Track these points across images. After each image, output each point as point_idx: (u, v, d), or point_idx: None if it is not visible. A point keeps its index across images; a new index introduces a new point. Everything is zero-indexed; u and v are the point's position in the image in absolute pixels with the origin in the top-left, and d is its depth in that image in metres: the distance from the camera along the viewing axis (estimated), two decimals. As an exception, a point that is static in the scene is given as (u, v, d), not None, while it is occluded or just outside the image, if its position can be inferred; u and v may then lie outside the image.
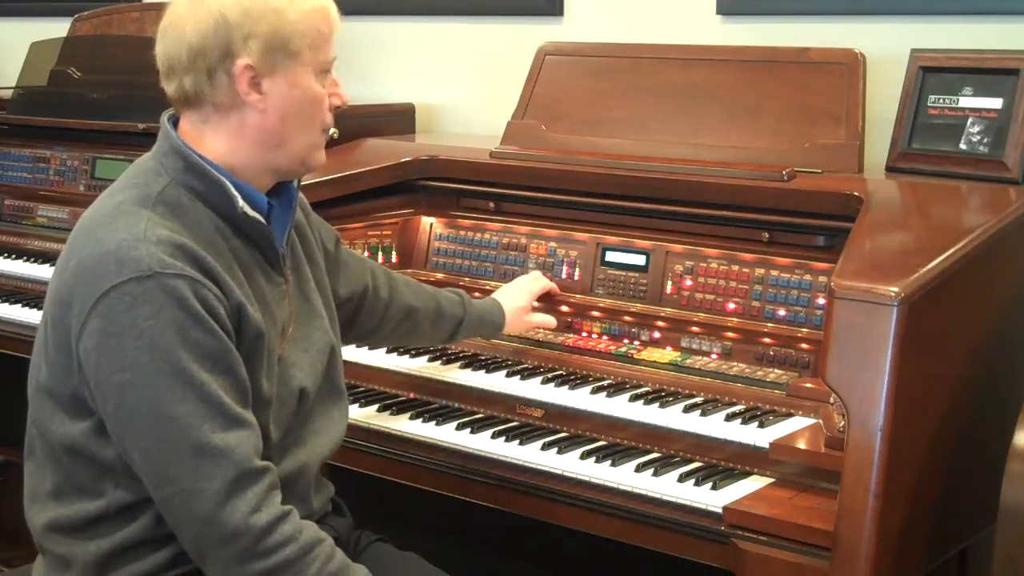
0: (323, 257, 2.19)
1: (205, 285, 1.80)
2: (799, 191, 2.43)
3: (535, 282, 2.67)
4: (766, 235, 2.50)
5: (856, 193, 2.33)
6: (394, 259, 2.91)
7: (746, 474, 2.19)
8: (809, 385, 2.30)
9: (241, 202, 1.90)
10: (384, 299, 2.40)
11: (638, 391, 2.39)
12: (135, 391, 1.77)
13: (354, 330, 2.41)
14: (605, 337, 2.61)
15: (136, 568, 1.88)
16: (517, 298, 2.61)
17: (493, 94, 3.34)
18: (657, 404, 2.33)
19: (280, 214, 2.01)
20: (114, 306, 1.76)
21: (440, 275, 2.87)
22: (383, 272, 2.44)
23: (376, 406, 2.55)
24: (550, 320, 2.64)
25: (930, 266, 1.98)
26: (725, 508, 2.06)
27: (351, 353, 2.68)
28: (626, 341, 2.58)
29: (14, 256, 3.57)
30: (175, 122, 1.97)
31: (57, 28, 3.88)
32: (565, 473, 2.24)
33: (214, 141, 1.92)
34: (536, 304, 2.66)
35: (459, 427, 2.42)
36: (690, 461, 2.24)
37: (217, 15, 1.86)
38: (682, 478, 2.16)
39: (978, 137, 2.49)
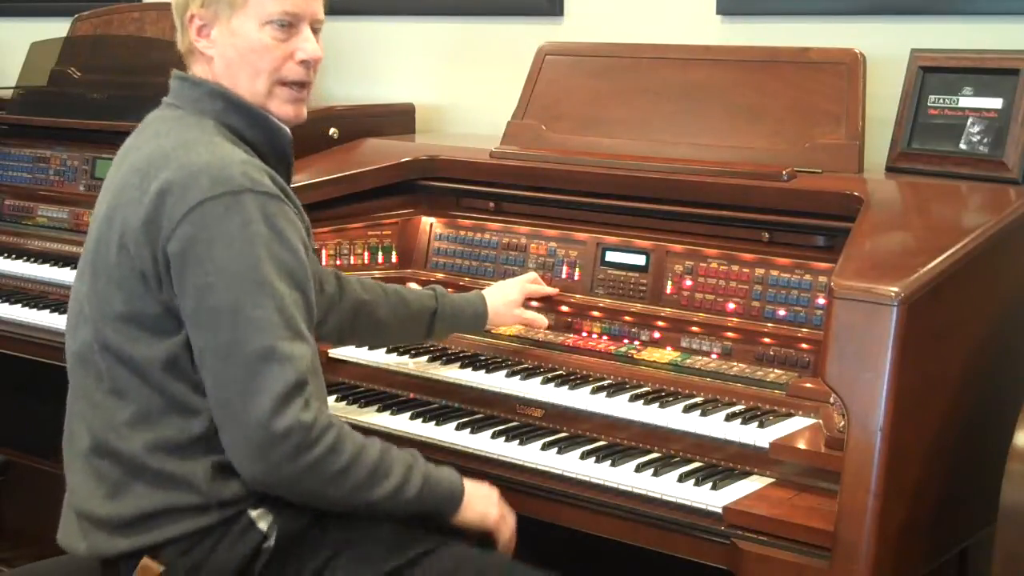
0: None
1: (288, 203, 1.99)
2: (799, 191, 2.43)
3: (530, 282, 2.68)
4: (766, 235, 2.50)
5: (856, 193, 2.33)
6: (394, 259, 2.91)
7: (746, 474, 2.19)
8: (809, 385, 2.30)
9: (289, 134, 2.13)
10: (329, 293, 2.42)
11: (638, 391, 2.39)
12: (216, 294, 1.89)
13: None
14: (605, 337, 2.61)
15: (237, 481, 1.98)
16: (507, 291, 2.63)
17: (493, 94, 3.34)
18: (657, 404, 2.33)
19: None
20: (208, 214, 1.90)
21: (440, 275, 2.87)
22: (331, 272, 2.48)
23: (376, 406, 2.55)
24: (541, 319, 2.64)
25: (930, 266, 1.98)
26: (725, 508, 2.06)
27: (351, 353, 2.68)
28: (626, 341, 2.58)
29: (14, 256, 3.57)
30: None
31: (57, 28, 3.88)
32: (565, 473, 2.24)
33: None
34: (535, 304, 2.66)
35: (459, 427, 2.42)
36: (690, 461, 2.25)
37: None
38: (682, 478, 2.16)
39: (978, 137, 2.49)
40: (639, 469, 2.20)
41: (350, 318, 2.46)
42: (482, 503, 2.13)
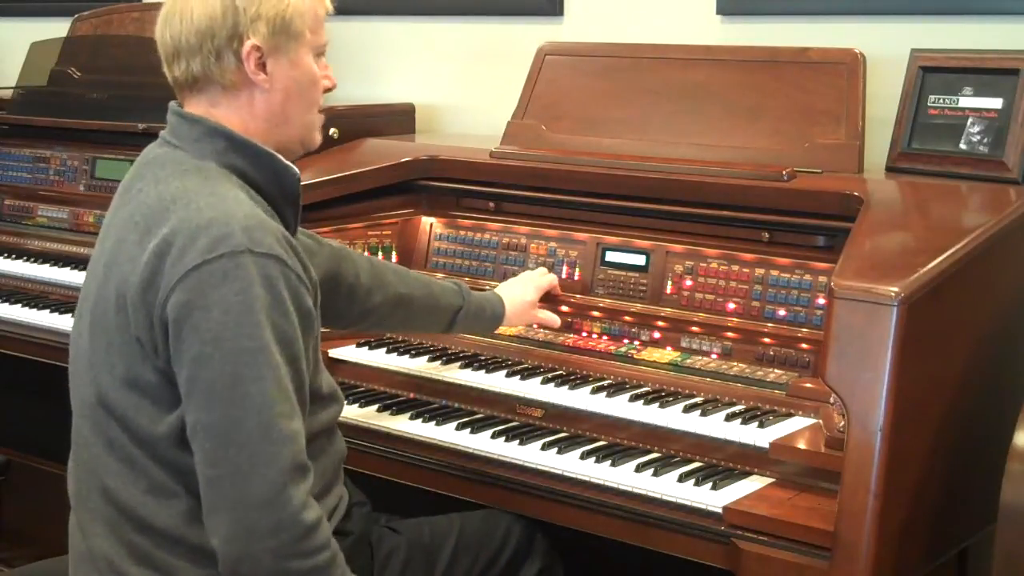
0: None
1: (291, 267, 1.85)
2: (799, 191, 2.43)
3: (542, 277, 2.67)
4: (766, 235, 2.50)
5: (856, 193, 2.33)
6: (394, 259, 2.91)
7: (746, 474, 2.19)
8: (809, 385, 2.30)
9: (297, 173, 1.99)
10: (364, 286, 2.40)
11: (638, 391, 2.39)
12: (213, 364, 1.77)
13: (334, 319, 2.40)
14: (605, 337, 2.61)
15: None
16: (523, 292, 2.61)
17: (493, 94, 3.34)
18: (657, 404, 2.33)
19: None
20: (205, 280, 1.77)
21: (440, 275, 2.86)
22: (366, 260, 2.45)
23: (376, 406, 2.55)
24: (554, 319, 2.64)
25: (930, 266, 1.98)
26: (725, 508, 2.06)
27: (351, 353, 2.68)
28: (626, 341, 2.58)
29: (14, 256, 3.57)
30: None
31: (57, 28, 3.88)
32: (565, 473, 2.24)
33: (228, 122, 1.96)
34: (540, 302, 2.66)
35: (459, 427, 2.42)
36: (690, 461, 2.25)
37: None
38: (682, 478, 2.16)
39: (978, 137, 2.49)
40: (639, 469, 2.20)
41: (387, 311, 2.43)
42: None
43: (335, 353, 2.68)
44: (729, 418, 2.25)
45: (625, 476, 2.19)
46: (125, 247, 1.88)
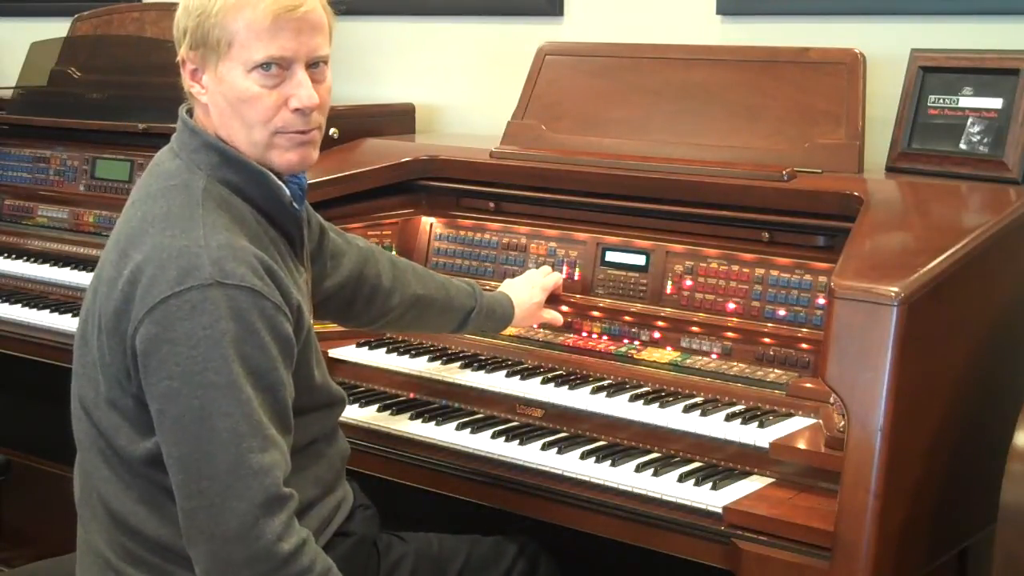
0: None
1: (266, 296, 1.81)
2: (799, 191, 2.43)
3: (547, 277, 2.67)
4: (766, 235, 2.50)
5: (856, 193, 2.33)
6: (394, 255, 2.90)
7: (746, 474, 2.19)
8: (809, 385, 2.30)
9: (288, 193, 1.95)
10: (385, 288, 2.39)
11: (638, 391, 2.39)
12: (180, 399, 1.75)
13: (352, 319, 2.41)
14: (605, 337, 2.61)
15: None
16: (530, 293, 2.61)
17: (493, 94, 3.34)
18: (657, 404, 2.33)
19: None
20: (173, 313, 1.75)
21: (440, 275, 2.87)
22: (388, 260, 2.44)
23: (376, 406, 2.55)
24: (558, 317, 2.64)
25: (930, 266, 1.98)
26: (725, 508, 2.06)
27: (351, 353, 2.68)
28: (626, 341, 2.58)
29: (14, 256, 3.57)
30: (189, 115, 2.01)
31: (57, 28, 3.88)
32: (565, 473, 2.24)
33: (214, 131, 1.96)
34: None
35: (459, 427, 2.42)
36: (690, 461, 2.25)
37: (179, 10, 1.97)
38: (682, 478, 2.16)
39: (978, 137, 2.49)
40: (639, 469, 2.20)
41: (403, 311, 2.43)
42: None
43: (335, 353, 2.68)
44: (729, 418, 2.25)
45: (625, 476, 2.19)
46: (107, 267, 1.88)
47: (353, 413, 2.50)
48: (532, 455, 2.30)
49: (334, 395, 2.06)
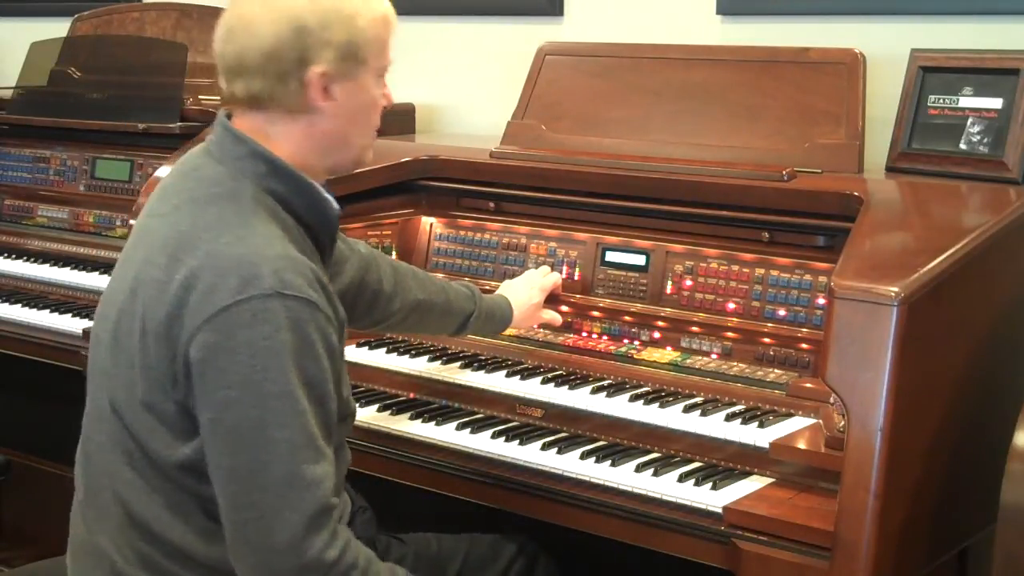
0: None
1: (320, 308, 1.81)
2: (799, 191, 2.43)
3: (546, 278, 2.67)
4: (766, 235, 2.50)
5: (856, 193, 2.33)
6: (394, 259, 2.90)
7: (746, 474, 2.19)
8: (809, 385, 2.30)
9: (336, 206, 1.97)
10: (387, 293, 2.39)
11: (638, 391, 2.39)
12: (238, 409, 1.74)
13: (353, 324, 2.40)
14: (605, 337, 2.61)
15: None
16: (529, 294, 2.61)
17: (493, 94, 3.34)
18: (657, 404, 2.33)
19: None
20: (233, 322, 1.74)
21: (440, 275, 2.86)
22: (389, 265, 2.44)
23: (376, 406, 2.55)
24: (556, 317, 2.64)
25: (930, 266, 1.98)
26: (725, 508, 2.06)
27: (351, 353, 2.68)
28: (626, 341, 2.58)
29: (14, 256, 3.57)
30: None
31: (57, 28, 3.88)
32: (565, 473, 2.24)
33: (282, 143, 1.92)
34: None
35: (459, 427, 2.42)
36: (690, 461, 2.25)
37: (294, 20, 1.85)
38: (682, 478, 2.16)
39: (978, 137, 2.49)
40: (639, 469, 2.20)
41: (403, 316, 2.43)
42: None
43: (335, 353, 2.67)
44: (729, 418, 2.25)
45: (625, 476, 2.19)
46: (152, 270, 1.84)
47: (353, 413, 2.50)
48: (532, 455, 2.30)
49: (351, 408, 2.06)
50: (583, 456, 2.26)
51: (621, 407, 2.34)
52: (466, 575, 2.27)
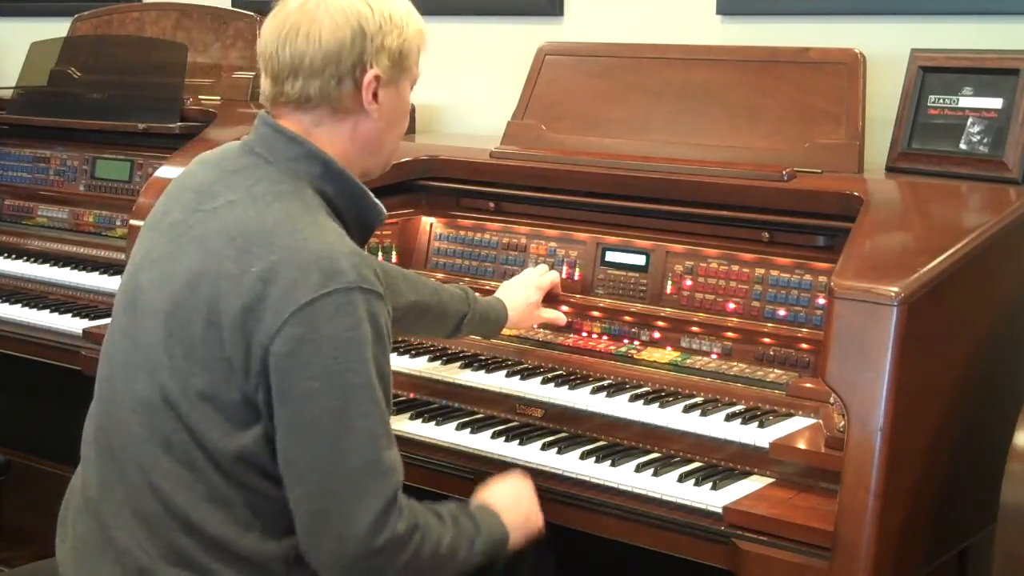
0: None
1: (387, 302, 1.89)
2: (799, 191, 2.43)
3: (543, 277, 2.67)
4: (766, 235, 2.50)
5: (856, 193, 2.33)
6: (394, 259, 2.91)
7: (746, 474, 2.19)
8: (809, 385, 2.30)
9: (384, 212, 2.05)
10: None
11: (638, 391, 2.39)
12: (321, 400, 1.79)
13: None
14: (605, 337, 2.61)
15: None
16: (526, 295, 2.61)
17: (493, 94, 3.34)
18: (657, 404, 2.33)
19: None
20: (317, 315, 1.79)
21: (440, 275, 2.87)
22: (379, 268, 2.44)
23: (376, 406, 2.55)
24: (559, 316, 2.64)
25: (930, 266, 1.98)
26: (725, 508, 2.06)
27: (351, 353, 2.68)
28: (626, 341, 2.58)
29: (14, 256, 3.57)
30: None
31: (57, 28, 3.88)
32: (565, 473, 2.24)
33: (326, 145, 1.98)
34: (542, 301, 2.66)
35: (459, 427, 2.42)
36: (690, 461, 2.25)
37: (355, 24, 1.94)
38: (682, 478, 2.16)
39: (978, 137, 2.49)
40: (639, 469, 2.20)
41: (397, 319, 2.42)
42: (520, 531, 2.10)
43: (335, 353, 2.67)
44: (729, 418, 2.25)
45: (625, 476, 2.19)
46: (220, 262, 1.86)
47: (353, 413, 2.50)
48: (532, 455, 2.30)
49: None
50: (583, 456, 2.26)
51: (621, 407, 2.34)
52: None
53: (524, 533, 2.10)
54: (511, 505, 2.10)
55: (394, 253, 2.91)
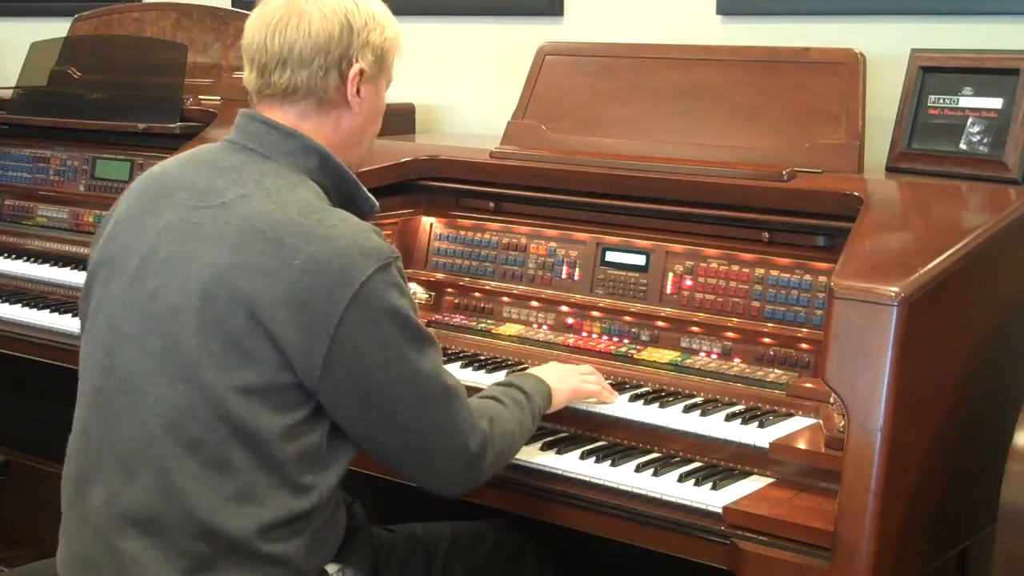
0: None
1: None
2: (799, 191, 2.43)
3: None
4: (766, 235, 2.50)
5: (856, 193, 2.33)
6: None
7: (746, 474, 2.19)
8: (809, 385, 2.30)
9: (376, 204, 2.11)
10: None
11: (638, 391, 2.39)
12: (396, 361, 1.92)
13: None
14: (605, 337, 2.61)
15: (328, 545, 2.03)
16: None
17: (493, 94, 3.34)
18: (657, 404, 2.33)
19: None
20: (370, 294, 1.89)
21: (440, 275, 2.87)
22: None
23: (376, 406, 2.55)
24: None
25: (930, 266, 1.98)
26: (725, 508, 2.06)
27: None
28: (626, 341, 2.58)
29: (14, 256, 3.57)
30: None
31: (57, 28, 3.88)
32: (565, 473, 2.24)
33: (312, 136, 2.03)
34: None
35: (459, 427, 2.41)
36: (690, 461, 2.25)
37: (343, 17, 2.00)
38: (682, 478, 2.16)
39: (978, 137, 2.49)
40: (639, 469, 2.20)
41: None
42: (565, 393, 2.31)
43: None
44: (729, 418, 2.25)
45: (625, 476, 2.19)
46: (253, 256, 1.87)
47: (353, 413, 2.50)
48: (532, 455, 2.29)
49: None
50: (583, 456, 2.26)
51: (621, 407, 2.34)
52: (455, 556, 2.32)
53: (569, 396, 2.32)
54: (542, 370, 2.33)
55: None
